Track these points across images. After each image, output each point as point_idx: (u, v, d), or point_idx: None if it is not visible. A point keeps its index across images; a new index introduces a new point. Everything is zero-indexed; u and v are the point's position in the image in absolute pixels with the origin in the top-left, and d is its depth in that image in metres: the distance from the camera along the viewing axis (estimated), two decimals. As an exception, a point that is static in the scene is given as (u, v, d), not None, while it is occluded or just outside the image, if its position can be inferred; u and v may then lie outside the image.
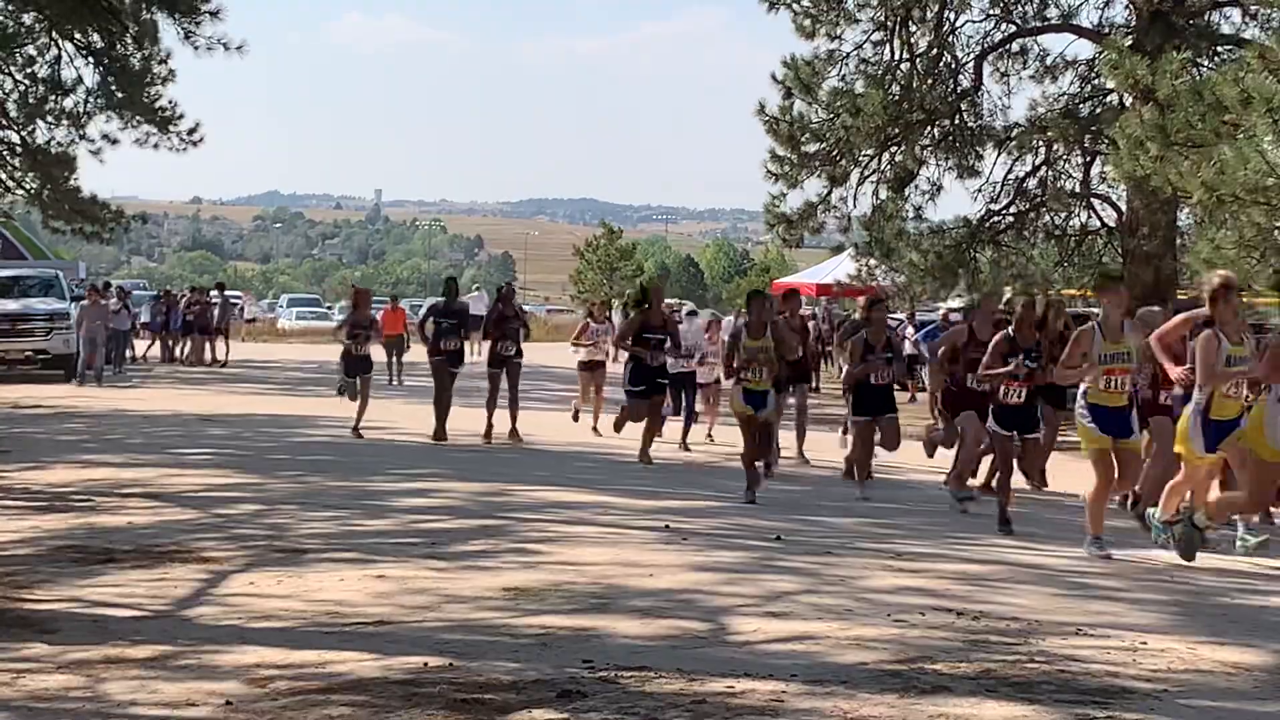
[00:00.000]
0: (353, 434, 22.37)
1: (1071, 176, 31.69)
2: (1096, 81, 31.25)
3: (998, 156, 31.74)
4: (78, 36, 31.44)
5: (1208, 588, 11.71)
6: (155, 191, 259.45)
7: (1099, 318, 13.63)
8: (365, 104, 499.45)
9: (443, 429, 22.13)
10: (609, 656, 8.32)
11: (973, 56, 31.89)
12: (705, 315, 26.25)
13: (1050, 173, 31.71)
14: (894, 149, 31.70)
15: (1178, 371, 13.62)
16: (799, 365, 20.01)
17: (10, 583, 10.58)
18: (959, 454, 17.17)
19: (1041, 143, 31.33)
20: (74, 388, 32.55)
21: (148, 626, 9.20)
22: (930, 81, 31.34)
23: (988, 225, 31.60)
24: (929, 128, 31.55)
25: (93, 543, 12.36)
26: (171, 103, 33.16)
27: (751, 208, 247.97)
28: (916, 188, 32.07)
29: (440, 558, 11.66)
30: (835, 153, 31.60)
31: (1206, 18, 30.06)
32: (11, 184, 34.58)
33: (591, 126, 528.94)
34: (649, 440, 19.84)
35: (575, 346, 24.81)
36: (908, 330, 37.84)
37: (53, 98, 33.06)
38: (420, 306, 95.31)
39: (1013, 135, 31.49)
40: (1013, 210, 31.79)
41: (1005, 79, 32.16)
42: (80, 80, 32.99)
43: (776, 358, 16.44)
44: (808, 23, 31.49)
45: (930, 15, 31.54)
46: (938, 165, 31.91)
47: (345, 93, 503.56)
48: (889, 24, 31.53)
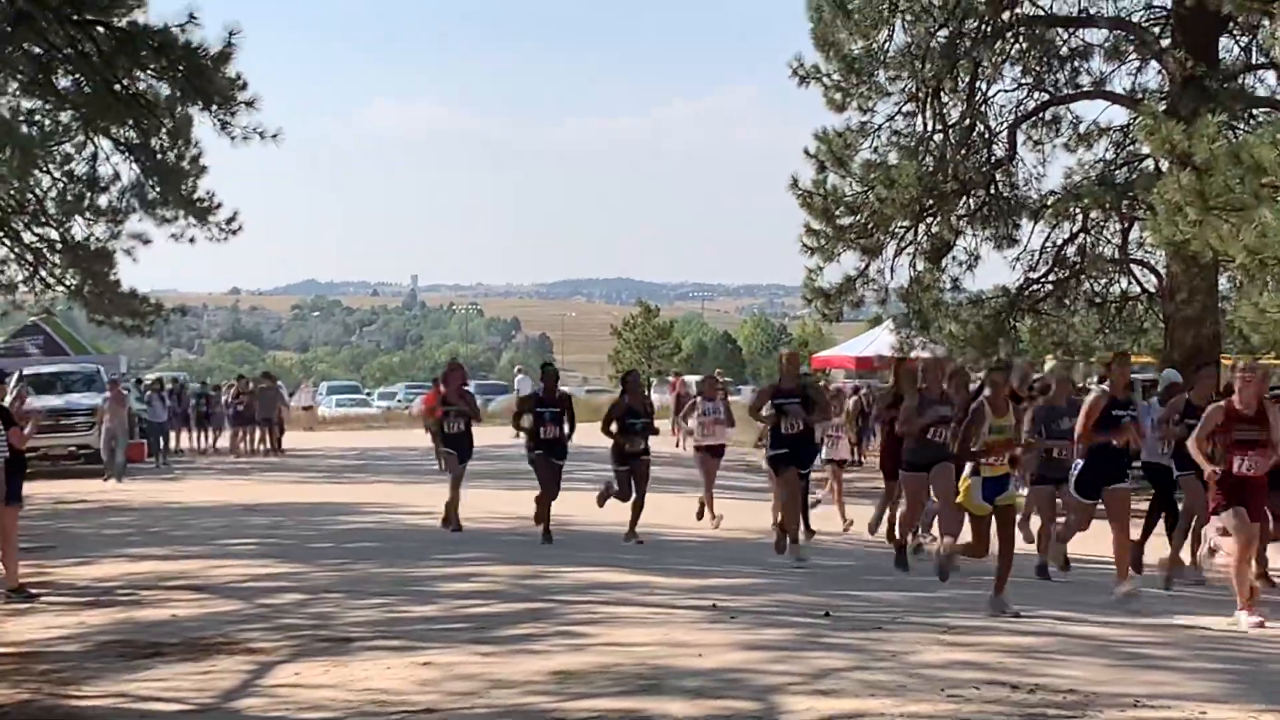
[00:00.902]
0: (444, 524, 20.69)
1: (1110, 243, 31.68)
2: (1132, 147, 31.27)
3: (1035, 225, 31.79)
4: (114, 131, 31.65)
5: (1264, 654, 11.55)
6: (194, 283, 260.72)
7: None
8: (400, 190, 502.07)
9: (545, 523, 19.96)
10: (660, 739, 8.21)
11: (1006, 126, 31.96)
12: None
13: (1088, 240, 31.70)
14: (929, 220, 31.72)
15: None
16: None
17: (57, 679, 10.54)
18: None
19: (1078, 210, 31.29)
20: (104, 483, 32.34)
21: (194, 720, 9.13)
22: (964, 152, 31.39)
23: (1027, 294, 31.56)
24: (964, 198, 31.58)
25: (138, 637, 12.32)
26: (209, 193, 33.36)
27: (788, 282, 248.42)
28: (954, 258, 32.09)
29: (486, 642, 11.57)
30: (870, 225, 31.65)
31: (1241, 81, 30.06)
32: (52, 280, 34.82)
33: (626, 206, 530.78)
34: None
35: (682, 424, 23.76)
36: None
37: (90, 194, 33.35)
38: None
39: (1049, 203, 31.48)
40: (1052, 278, 31.75)
41: (1039, 147, 32.25)
42: (117, 176, 33.29)
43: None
44: (839, 96, 31.59)
45: (962, 86, 31.63)
46: (974, 235, 31.95)
47: (379, 179, 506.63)
48: (920, 95, 31.61)
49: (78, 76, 29.29)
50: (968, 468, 13.75)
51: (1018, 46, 31.92)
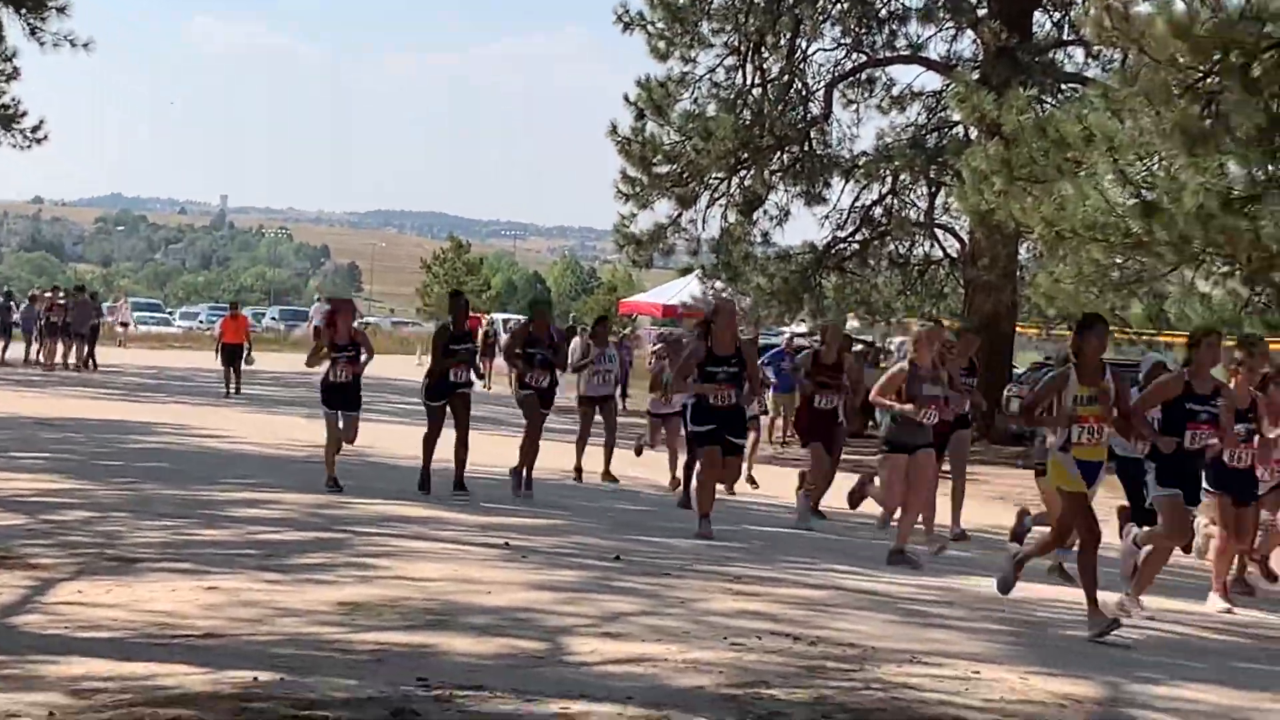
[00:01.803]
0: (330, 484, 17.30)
1: (916, 206, 32.13)
2: (943, 113, 31.72)
3: (845, 184, 32.12)
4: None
5: (1042, 619, 11.84)
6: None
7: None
8: (213, 108, 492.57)
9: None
10: (444, 675, 8.23)
11: (823, 84, 32.26)
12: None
13: (896, 202, 32.12)
14: (743, 173, 31.94)
15: None
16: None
17: None
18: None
19: (888, 172, 31.69)
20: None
21: (-30, 635, 8.97)
22: (781, 108, 31.63)
23: (833, 252, 31.90)
24: (778, 153, 31.83)
25: (-84, 547, 12.05)
26: (15, 100, 32.57)
27: (600, 226, 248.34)
28: (765, 213, 32.36)
29: (274, 570, 11.49)
30: (685, 175, 31.78)
31: (1052, 55, 30.62)
32: None
33: (443, 140, 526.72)
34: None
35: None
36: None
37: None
38: (264, 315, 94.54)
39: (860, 164, 31.84)
40: (858, 238, 32.13)
41: (854, 108, 32.59)
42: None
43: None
44: (662, 45, 31.67)
45: (783, 42, 31.85)
46: (786, 191, 32.22)
47: (193, 95, 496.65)
48: (742, 49, 31.79)
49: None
50: (1051, 443, 11.85)
51: (838, 6, 32.22)
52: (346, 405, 17.56)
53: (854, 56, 32.47)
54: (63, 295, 43.50)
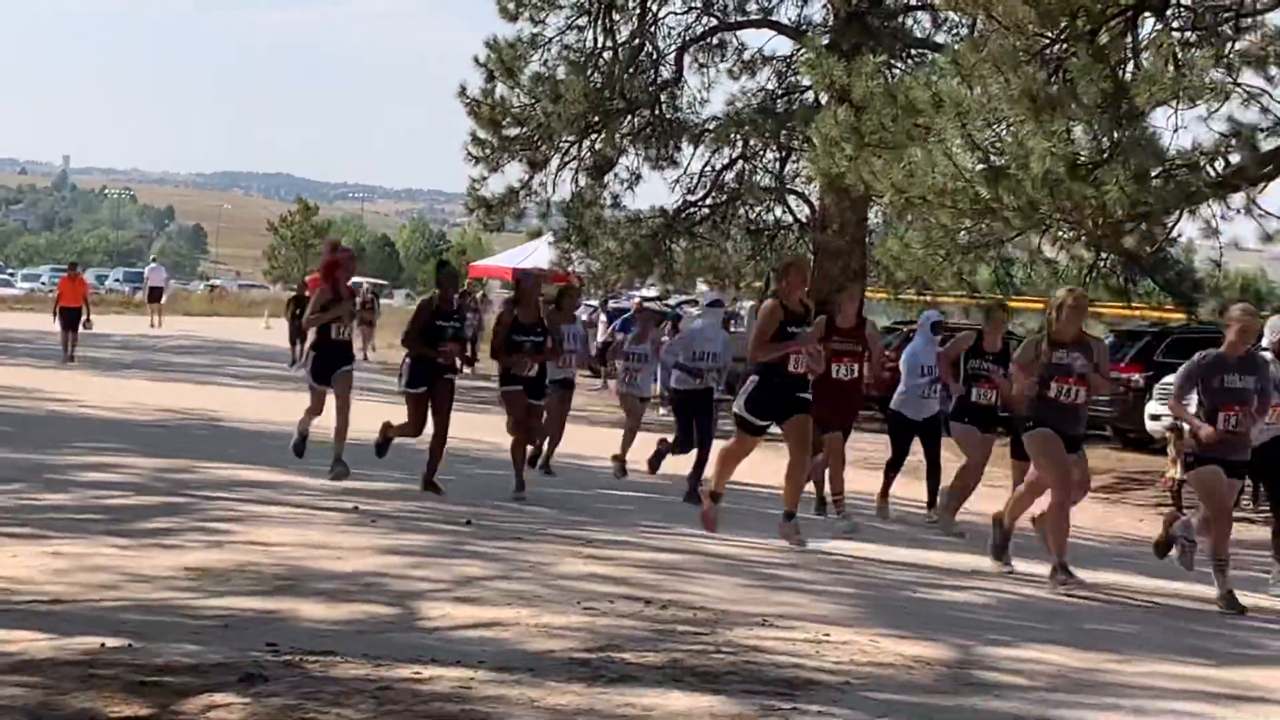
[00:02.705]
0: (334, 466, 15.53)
1: (767, 172, 32.21)
2: (793, 79, 31.83)
3: (696, 149, 32.14)
4: None
5: (892, 581, 11.98)
6: None
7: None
8: (54, 65, 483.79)
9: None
10: (293, 640, 8.17)
11: (674, 48, 32.23)
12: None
13: (747, 167, 32.20)
14: (594, 136, 31.85)
15: None
16: None
17: None
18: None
19: (739, 137, 31.77)
20: None
21: None
22: (631, 71, 31.57)
23: (684, 216, 31.95)
24: (629, 117, 31.78)
25: None
26: None
27: (449, 189, 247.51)
28: (616, 176, 32.28)
29: (121, 535, 11.34)
30: (536, 138, 31.65)
31: (901, 20, 30.84)
32: None
33: (290, 101, 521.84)
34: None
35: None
36: (600, 318, 38.13)
37: None
38: (107, 277, 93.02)
39: (710, 128, 31.89)
40: (709, 203, 32.20)
41: (705, 72, 32.58)
42: None
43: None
44: (511, 5, 31.48)
45: (633, 4, 31.78)
46: (637, 154, 32.17)
47: (32, 52, 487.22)
48: (592, 10, 31.68)
49: None
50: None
51: (690, -32, 32.20)
52: (346, 362, 15.89)
53: (705, 20, 32.46)
54: None
